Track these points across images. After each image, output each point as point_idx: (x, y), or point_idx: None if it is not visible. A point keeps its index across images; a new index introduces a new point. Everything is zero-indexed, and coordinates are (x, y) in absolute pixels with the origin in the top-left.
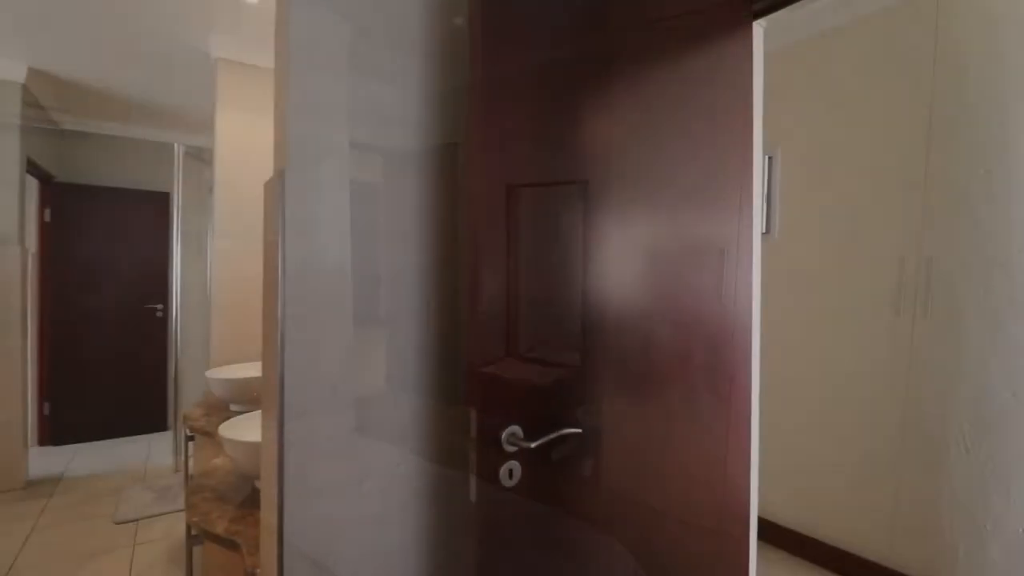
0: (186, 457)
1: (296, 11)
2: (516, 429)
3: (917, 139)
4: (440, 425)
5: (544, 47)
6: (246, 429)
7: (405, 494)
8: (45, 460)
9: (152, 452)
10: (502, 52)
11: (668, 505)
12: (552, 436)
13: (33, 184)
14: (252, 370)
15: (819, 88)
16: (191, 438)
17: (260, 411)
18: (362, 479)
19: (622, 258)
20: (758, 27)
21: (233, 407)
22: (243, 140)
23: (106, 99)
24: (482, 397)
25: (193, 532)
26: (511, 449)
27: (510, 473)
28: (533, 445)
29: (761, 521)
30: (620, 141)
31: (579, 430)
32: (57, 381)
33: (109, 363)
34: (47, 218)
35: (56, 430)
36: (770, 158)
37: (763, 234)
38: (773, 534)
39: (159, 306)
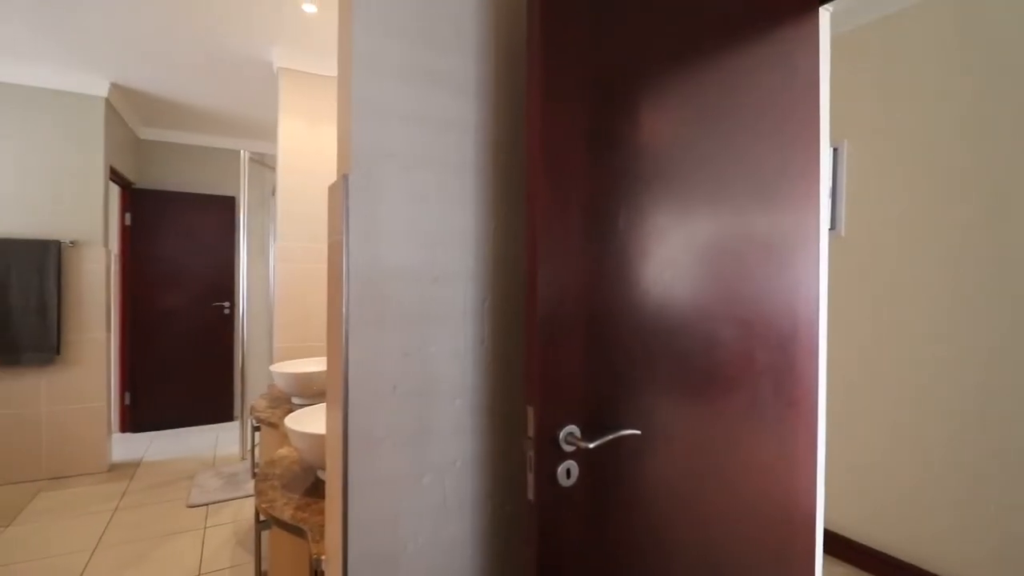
0: (252, 446)
1: (358, 23)
2: (574, 429)
3: (999, 128)
4: (496, 423)
5: (602, 43)
6: (310, 421)
7: (463, 489)
8: (126, 446)
9: (220, 441)
10: (561, 51)
11: (730, 512)
12: (611, 437)
13: (115, 190)
14: (312, 365)
15: (888, 75)
16: (257, 428)
17: (323, 404)
18: (422, 473)
19: (683, 255)
20: (824, 11)
21: (295, 400)
22: (303, 145)
23: (179, 110)
24: (540, 396)
25: (261, 518)
26: (569, 449)
27: (568, 473)
28: (591, 445)
29: (827, 533)
30: (680, 135)
31: (638, 431)
32: (136, 373)
33: (182, 357)
34: (127, 222)
35: (135, 418)
36: (836, 150)
37: (829, 230)
38: (839, 547)
39: (226, 304)
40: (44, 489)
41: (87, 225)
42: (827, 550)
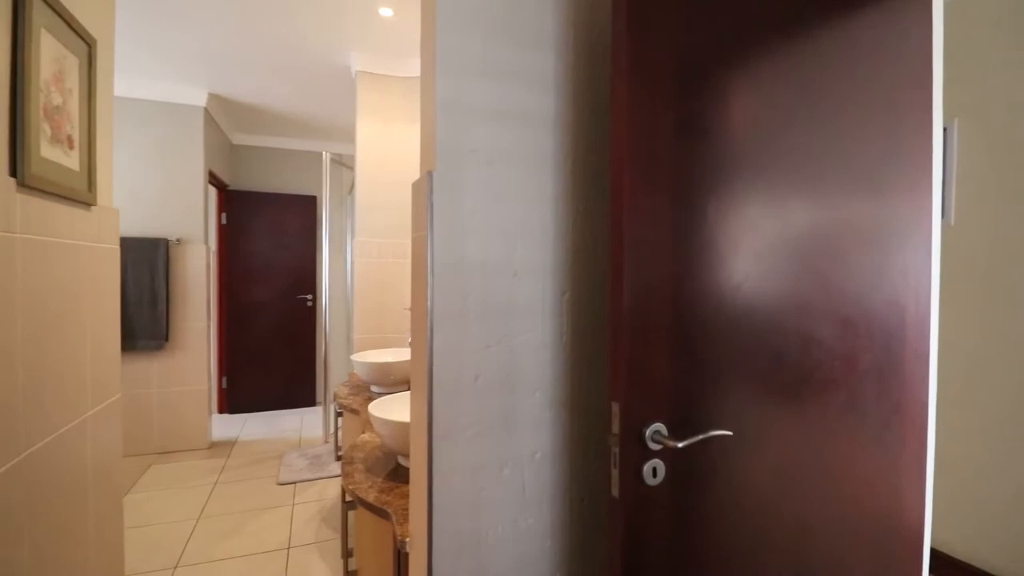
0: (336, 430)
1: (441, 22)
2: (660, 427)
3: None
4: (574, 417)
5: (691, 22)
6: (391, 409)
7: (541, 481)
8: (223, 426)
9: (304, 424)
10: (647, 34)
11: (825, 523)
12: (701, 437)
13: (212, 192)
14: (389, 356)
15: (1005, 45)
16: (339, 414)
17: (403, 393)
18: (502, 464)
19: (777, 247)
20: None
21: (374, 388)
22: (380, 145)
23: (266, 116)
24: (625, 392)
25: (348, 498)
26: (655, 447)
27: (654, 471)
28: (680, 445)
29: (933, 552)
30: (774, 117)
31: (729, 432)
32: (232, 359)
33: (270, 345)
34: (223, 221)
35: (231, 401)
36: (945, 130)
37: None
38: (942, 566)
39: (309, 296)
40: (155, 462)
41: (190, 224)
42: (935, 572)
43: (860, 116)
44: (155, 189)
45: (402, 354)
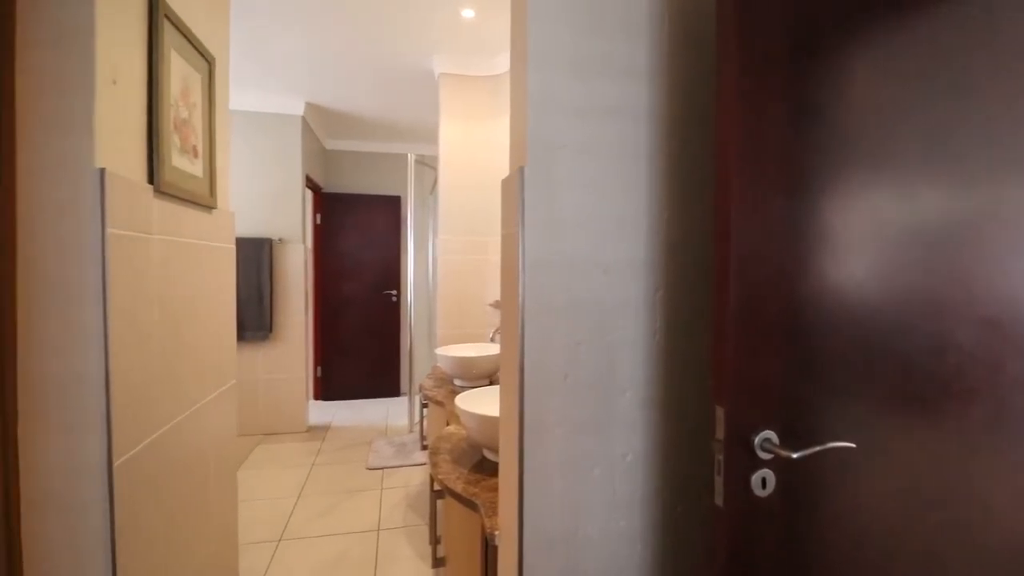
0: (421, 420)
1: (532, 17)
2: (770, 434)
3: None
4: (668, 419)
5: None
6: (477, 403)
7: (633, 484)
8: (318, 412)
9: (390, 413)
10: (756, 14)
11: (963, 554)
12: (818, 448)
13: (308, 195)
14: (471, 351)
15: None
16: (425, 405)
17: (487, 388)
18: (593, 464)
19: (906, 241)
20: None
21: (456, 381)
22: (462, 144)
23: (354, 121)
24: (731, 396)
25: (436, 487)
26: (765, 456)
27: (763, 482)
28: (795, 455)
29: None
30: (905, 94)
31: (852, 445)
32: (325, 350)
33: (359, 338)
34: (318, 221)
35: (325, 389)
36: None
37: None
38: None
39: (393, 292)
40: (261, 442)
41: (290, 225)
42: None
43: (1008, 85)
44: (259, 193)
45: (483, 349)
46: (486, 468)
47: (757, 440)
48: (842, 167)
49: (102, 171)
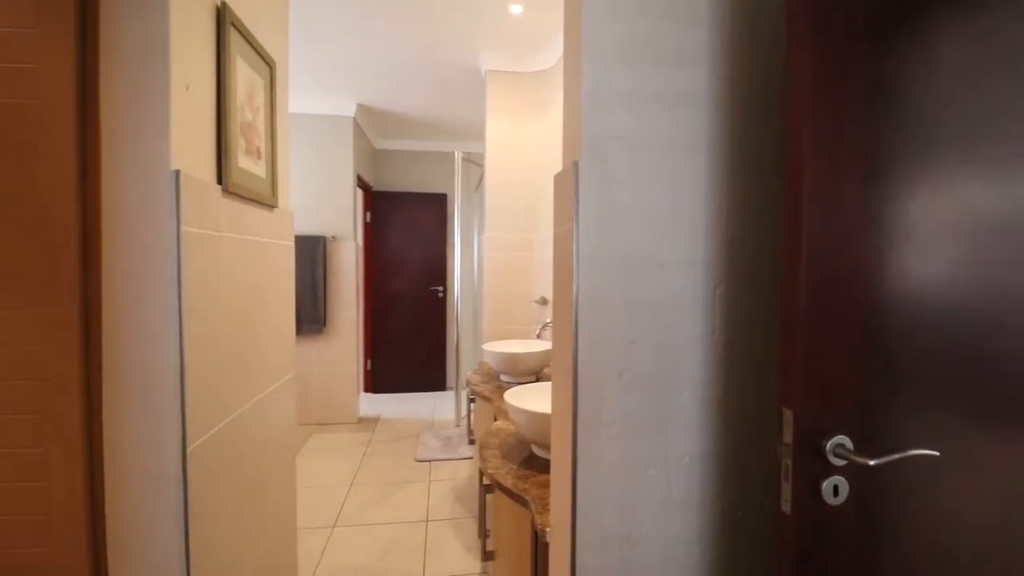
0: (469, 415)
1: (586, 7)
2: (844, 440)
3: None
4: (727, 420)
5: None
6: (526, 398)
7: (690, 486)
8: (368, 404)
9: (436, 407)
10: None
11: None
12: (898, 456)
13: (359, 194)
14: (517, 347)
15: None
16: (472, 400)
17: (536, 383)
18: (647, 465)
19: (1001, 234)
20: None
21: (503, 377)
22: (509, 141)
23: (404, 121)
24: (801, 398)
25: (485, 481)
26: (838, 463)
27: (835, 490)
28: (872, 463)
29: None
30: (1006, 70)
31: (935, 453)
32: (374, 344)
33: (406, 333)
34: (368, 220)
35: (374, 381)
36: None
37: None
38: None
39: (439, 288)
40: (315, 432)
41: (342, 223)
42: None
43: None
44: (314, 192)
45: (529, 345)
46: (535, 464)
47: (829, 445)
48: (927, 152)
49: (177, 172)
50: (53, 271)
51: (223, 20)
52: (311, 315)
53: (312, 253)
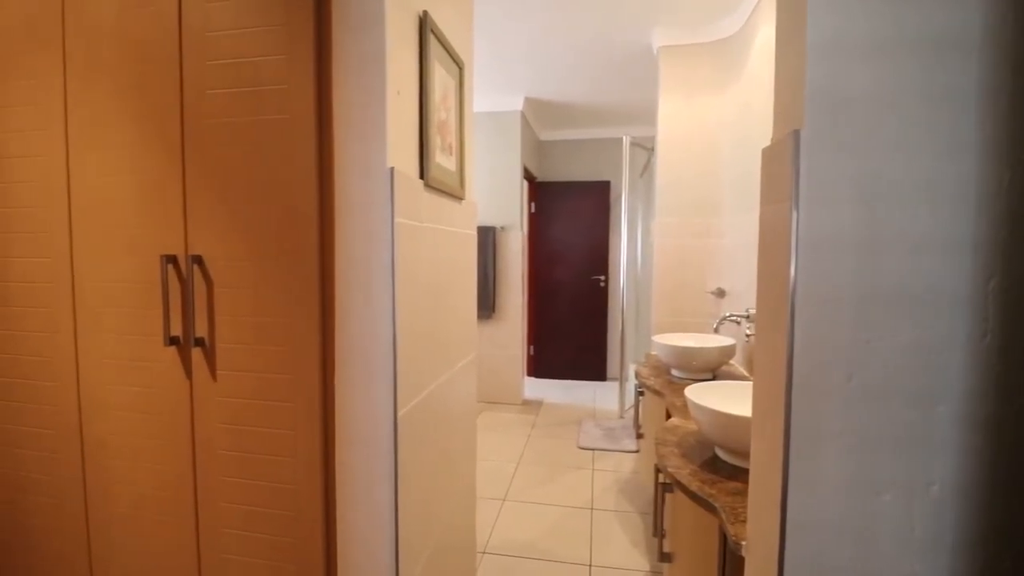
0: (636, 408)
1: None
2: None
3: None
4: (999, 444)
5: None
6: (708, 397)
7: (940, 523)
8: (531, 387)
9: (597, 397)
10: None
11: None
12: None
13: (524, 185)
14: (690, 340)
15: None
16: (641, 393)
17: (717, 382)
18: (881, 490)
19: None
20: None
21: (674, 372)
22: (682, 121)
23: (568, 110)
24: None
25: (662, 480)
26: None
27: None
28: None
29: None
30: None
31: None
32: (537, 331)
33: (568, 321)
34: (532, 210)
35: (537, 366)
36: None
37: None
38: None
39: (601, 277)
40: (484, 409)
41: (509, 214)
42: None
43: None
44: (486, 185)
45: (704, 340)
46: (720, 468)
47: None
48: None
49: (392, 169)
50: (299, 257)
51: (424, 27)
52: (483, 301)
53: (484, 242)
